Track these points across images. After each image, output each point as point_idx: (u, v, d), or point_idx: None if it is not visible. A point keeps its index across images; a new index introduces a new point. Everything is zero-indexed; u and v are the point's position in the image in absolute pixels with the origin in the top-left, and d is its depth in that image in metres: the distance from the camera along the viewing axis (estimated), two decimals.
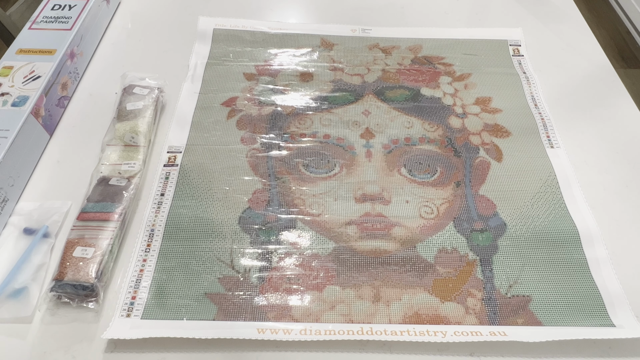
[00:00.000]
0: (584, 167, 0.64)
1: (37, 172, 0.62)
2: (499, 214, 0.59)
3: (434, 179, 0.62)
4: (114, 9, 0.85)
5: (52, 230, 0.55)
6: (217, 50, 0.78)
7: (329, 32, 0.81)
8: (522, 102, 0.72)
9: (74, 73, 0.72)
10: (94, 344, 0.48)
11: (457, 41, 0.81)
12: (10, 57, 0.67)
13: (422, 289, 0.53)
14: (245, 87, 0.72)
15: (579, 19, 0.88)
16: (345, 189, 0.61)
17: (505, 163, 0.64)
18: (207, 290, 0.52)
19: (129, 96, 0.66)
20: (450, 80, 0.75)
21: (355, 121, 0.68)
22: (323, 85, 0.73)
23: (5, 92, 0.62)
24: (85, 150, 0.64)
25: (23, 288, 0.50)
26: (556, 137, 0.67)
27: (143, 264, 0.53)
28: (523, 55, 0.79)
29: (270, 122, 0.68)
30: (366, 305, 0.51)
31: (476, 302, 0.52)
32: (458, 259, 0.55)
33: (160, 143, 0.65)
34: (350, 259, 0.55)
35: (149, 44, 0.80)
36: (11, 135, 0.58)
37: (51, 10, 0.75)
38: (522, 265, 0.55)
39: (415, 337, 0.48)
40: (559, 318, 0.51)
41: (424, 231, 0.57)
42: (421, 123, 0.69)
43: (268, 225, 0.57)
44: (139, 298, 0.51)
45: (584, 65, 0.79)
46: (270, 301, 0.51)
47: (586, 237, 0.57)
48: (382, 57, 0.78)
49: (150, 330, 0.48)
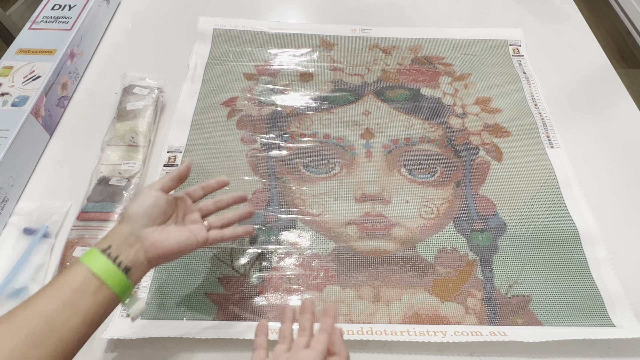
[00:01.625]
0: (584, 167, 0.64)
1: (37, 172, 0.62)
2: (499, 214, 0.59)
3: (434, 179, 0.62)
4: (114, 9, 0.85)
5: (52, 230, 0.55)
6: (217, 50, 0.78)
7: (329, 32, 0.81)
8: (522, 102, 0.72)
9: (74, 73, 0.72)
10: (94, 344, 0.48)
11: (457, 41, 0.81)
12: (10, 57, 0.67)
13: (422, 289, 0.53)
14: (245, 87, 0.72)
15: (579, 19, 0.88)
16: (345, 189, 0.61)
17: (505, 163, 0.64)
18: (207, 290, 0.52)
19: (129, 96, 0.66)
20: (450, 80, 0.75)
21: (355, 121, 0.68)
22: (323, 85, 0.73)
23: (5, 92, 0.62)
24: (85, 150, 0.64)
25: (23, 288, 0.50)
26: (556, 137, 0.67)
27: None
28: (523, 55, 0.79)
29: (270, 122, 0.68)
30: (366, 305, 0.51)
31: (476, 302, 0.52)
32: (458, 259, 0.55)
33: (160, 143, 0.65)
34: (350, 259, 0.55)
35: (149, 44, 0.80)
36: (11, 135, 0.58)
37: (51, 10, 0.75)
38: (522, 265, 0.55)
39: (415, 337, 0.48)
40: (559, 318, 0.51)
41: (424, 231, 0.57)
42: (421, 123, 0.69)
43: (268, 225, 0.57)
44: (138, 298, 0.51)
45: (584, 65, 0.79)
46: (270, 301, 0.51)
47: (586, 237, 0.57)
48: (382, 57, 0.78)
49: (150, 330, 0.48)
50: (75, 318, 0.35)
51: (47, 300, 0.36)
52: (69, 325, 0.35)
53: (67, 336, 0.35)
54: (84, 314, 0.36)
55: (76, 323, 0.35)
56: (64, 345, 0.35)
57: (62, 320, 0.35)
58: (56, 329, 0.35)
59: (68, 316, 0.35)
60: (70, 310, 0.35)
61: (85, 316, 0.36)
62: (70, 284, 0.36)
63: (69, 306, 0.36)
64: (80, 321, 0.36)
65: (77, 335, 0.36)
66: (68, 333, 0.35)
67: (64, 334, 0.35)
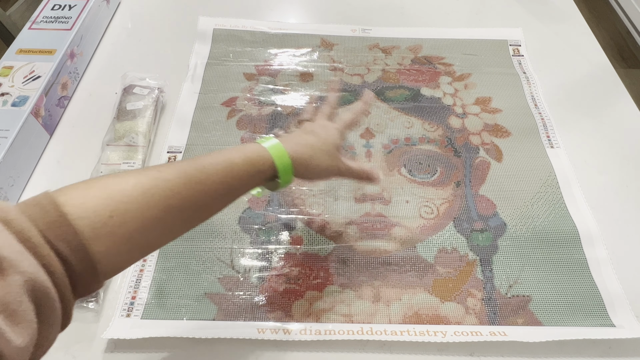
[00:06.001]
0: (584, 167, 0.64)
1: (37, 172, 0.62)
2: (499, 214, 0.59)
3: (434, 179, 0.62)
4: (114, 9, 0.85)
5: None
6: (217, 50, 0.78)
7: (329, 32, 0.81)
8: (522, 102, 0.72)
9: (74, 73, 0.72)
10: (94, 344, 0.48)
11: (457, 41, 0.81)
12: (10, 57, 0.67)
13: (422, 289, 0.53)
14: (245, 87, 0.72)
15: (579, 19, 0.87)
16: (345, 189, 0.61)
17: (505, 163, 0.64)
18: (207, 290, 0.52)
19: (129, 96, 0.66)
20: (450, 80, 0.75)
21: None
22: (323, 85, 0.73)
23: (5, 92, 0.62)
24: (85, 150, 0.64)
25: None
26: (556, 137, 0.67)
27: (143, 264, 0.53)
28: (523, 55, 0.79)
29: (270, 122, 0.68)
30: (366, 305, 0.51)
31: (476, 302, 0.52)
32: (458, 259, 0.55)
33: (160, 143, 0.65)
34: (350, 259, 0.55)
35: (149, 44, 0.80)
36: (11, 135, 0.58)
37: (51, 10, 0.75)
38: (522, 265, 0.55)
39: (415, 337, 0.48)
40: (559, 318, 0.51)
41: (424, 231, 0.57)
42: (421, 123, 0.69)
43: (268, 225, 0.57)
44: (139, 298, 0.51)
45: (584, 65, 0.79)
46: (270, 301, 0.51)
47: (586, 237, 0.57)
48: (382, 57, 0.78)
49: (150, 330, 0.48)
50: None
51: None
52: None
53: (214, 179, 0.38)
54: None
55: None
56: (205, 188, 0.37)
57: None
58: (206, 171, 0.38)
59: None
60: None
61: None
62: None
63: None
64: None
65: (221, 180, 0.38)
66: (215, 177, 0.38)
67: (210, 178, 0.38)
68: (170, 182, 0.35)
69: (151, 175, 0.34)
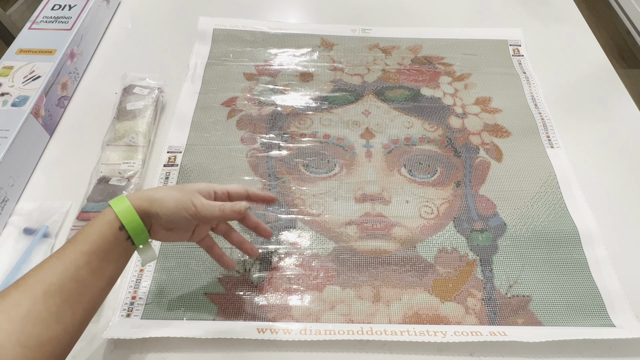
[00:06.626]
0: (584, 167, 0.64)
1: (37, 172, 0.62)
2: (499, 214, 0.59)
3: (434, 179, 0.62)
4: (114, 9, 0.85)
5: (52, 230, 0.55)
6: (217, 50, 0.78)
7: (329, 32, 0.81)
8: (522, 102, 0.72)
9: (74, 73, 0.72)
10: (94, 344, 0.48)
11: (457, 41, 0.81)
12: (10, 57, 0.67)
13: (422, 289, 0.53)
14: (245, 87, 0.72)
15: (579, 19, 0.88)
16: (345, 189, 0.61)
17: (505, 163, 0.64)
18: (207, 290, 0.52)
19: (129, 96, 0.66)
20: (450, 80, 0.75)
21: (355, 121, 0.68)
22: (323, 85, 0.73)
23: (5, 92, 0.62)
24: (85, 150, 0.63)
25: None
26: (556, 137, 0.67)
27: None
28: (523, 55, 0.79)
29: (270, 122, 0.68)
30: (366, 305, 0.51)
31: (476, 302, 0.52)
32: (458, 259, 0.55)
33: (160, 143, 0.65)
34: (350, 259, 0.55)
35: (149, 44, 0.80)
36: (11, 135, 0.58)
37: (51, 10, 0.75)
38: (522, 265, 0.55)
39: (415, 337, 0.48)
40: (559, 318, 0.51)
41: (424, 231, 0.57)
42: (421, 123, 0.69)
43: (268, 225, 0.57)
44: (139, 298, 0.51)
45: (584, 65, 0.79)
46: (270, 301, 0.51)
47: (586, 237, 0.57)
48: (382, 57, 0.78)
49: (150, 330, 0.48)
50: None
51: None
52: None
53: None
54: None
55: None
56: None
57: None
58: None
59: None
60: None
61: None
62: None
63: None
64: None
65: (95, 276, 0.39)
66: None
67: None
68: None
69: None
